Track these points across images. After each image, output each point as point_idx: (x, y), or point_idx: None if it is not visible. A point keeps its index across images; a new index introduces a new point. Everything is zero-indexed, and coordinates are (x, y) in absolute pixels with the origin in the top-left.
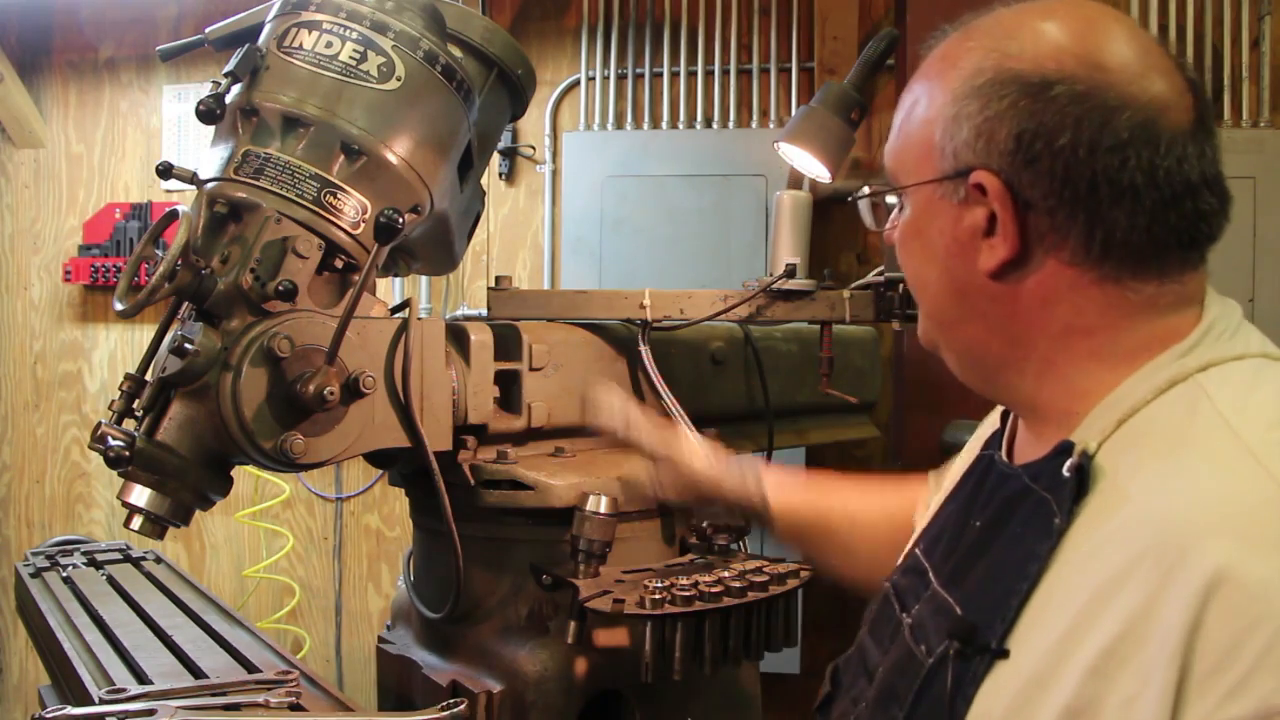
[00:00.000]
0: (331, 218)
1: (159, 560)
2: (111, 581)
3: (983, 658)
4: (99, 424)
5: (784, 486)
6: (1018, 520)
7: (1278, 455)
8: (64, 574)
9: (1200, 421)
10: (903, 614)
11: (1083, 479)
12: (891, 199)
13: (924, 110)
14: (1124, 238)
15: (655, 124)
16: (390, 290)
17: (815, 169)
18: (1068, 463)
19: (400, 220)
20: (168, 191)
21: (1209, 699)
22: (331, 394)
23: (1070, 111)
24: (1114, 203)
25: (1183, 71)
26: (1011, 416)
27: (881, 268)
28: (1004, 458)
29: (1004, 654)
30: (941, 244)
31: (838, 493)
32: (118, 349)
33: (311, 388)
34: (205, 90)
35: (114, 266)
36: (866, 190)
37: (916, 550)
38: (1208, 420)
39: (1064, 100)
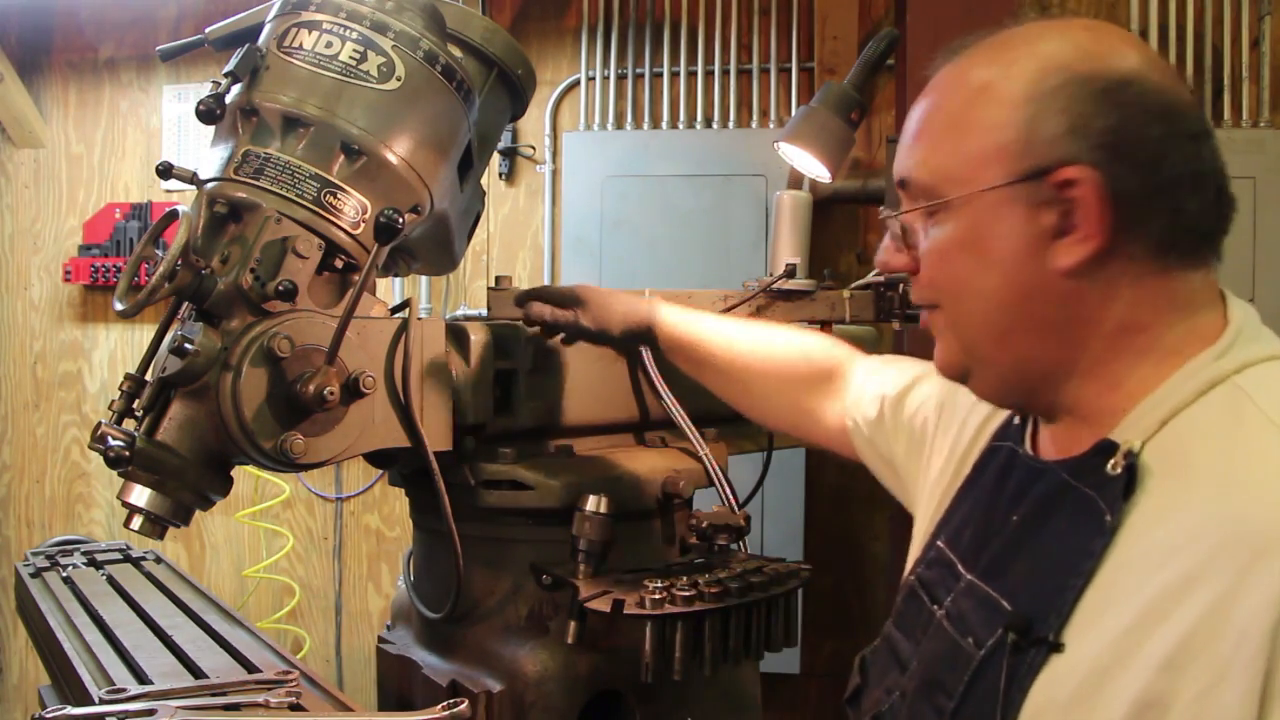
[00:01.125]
0: (331, 218)
1: (159, 560)
2: (111, 581)
3: (1039, 650)
4: (99, 424)
5: (673, 312)
6: (1061, 516)
7: None
8: (64, 574)
9: (1248, 425)
10: (934, 606)
11: (1131, 477)
12: (910, 216)
13: (983, 118)
14: (1192, 224)
15: (655, 124)
16: (390, 290)
17: (815, 169)
18: (1111, 461)
19: (400, 220)
20: (168, 191)
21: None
22: (331, 394)
23: (1154, 105)
24: (1192, 190)
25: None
26: None
27: None
28: (1029, 451)
29: (1060, 647)
30: (1008, 248)
31: (723, 325)
32: (118, 349)
33: (311, 388)
34: (205, 90)
35: (114, 266)
36: (898, 213)
37: (939, 542)
38: (1256, 423)
39: (1147, 95)
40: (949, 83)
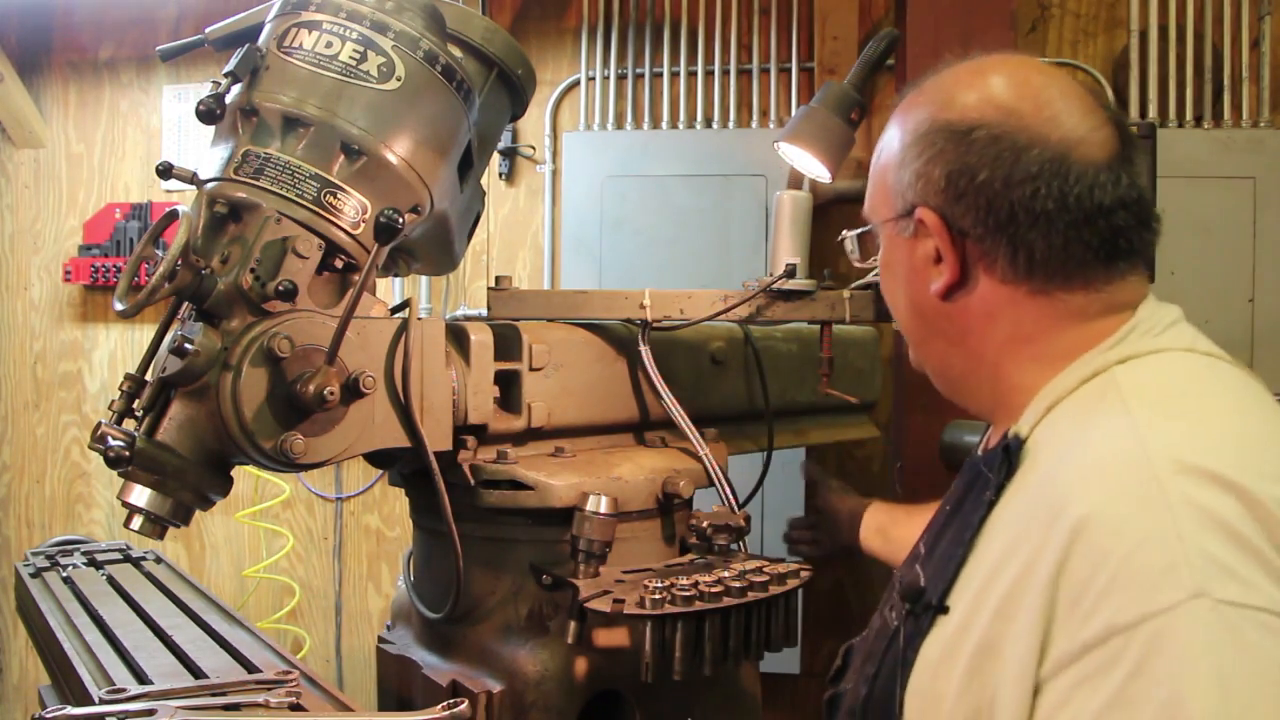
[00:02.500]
0: (331, 218)
1: (159, 560)
2: (111, 581)
3: (927, 615)
4: (99, 424)
5: (873, 529)
6: (970, 499)
7: (1154, 424)
8: (64, 574)
9: (1104, 404)
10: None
11: (1010, 457)
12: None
13: (882, 158)
14: (1044, 256)
15: (655, 124)
16: (390, 290)
17: (815, 169)
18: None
19: (400, 220)
20: (168, 191)
21: (1069, 627)
22: (331, 394)
23: (988, 151)
24: (1030, 226)
25: (1105, 110)
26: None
27: None
28: (978, 452)
29: (944, 610)
30: (903, 273)
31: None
32: (118, 349)
33: (311, 388)
34: (205, 90)
35: (114, 266)
36: (852, 233)
37: (920, 541)
38: (1110, 403)
39: (982, 142)
40: (888, 129)
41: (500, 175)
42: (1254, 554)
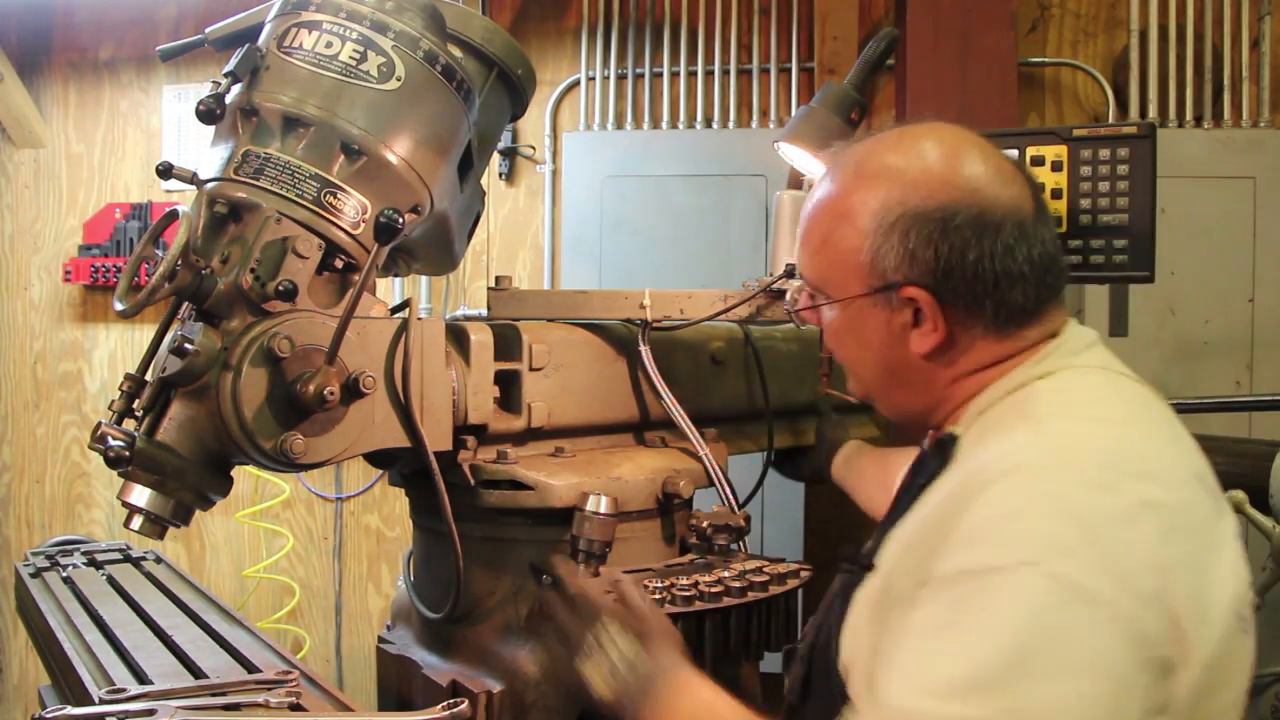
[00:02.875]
0: (331, 218)
1: (159, 560)
2: (111, 581)
3: (859, 573)
4: (99, 424)
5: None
6: (913, 485)
7: (1055, 423)
8: (64, 574)
9: (1022, 411)
10: None
11: (944, 451)
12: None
13: (843, 241)
14: (1019, 306)
15: (655, 124)
16: (390, 290)
17: (815, 169)
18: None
19: (400, 220)
20: (168, 191)
21: (938, 564)
22: (331, 394)
23: (971, 234)
24: (1010, 287)
25: (1018, 167)
26: None
27: None
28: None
29: (873, 567)
30: (878, 338)
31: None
32: (118, 349)
33: (311, 388)
34: (205, 90)
35: (114, 266)
36: (801, 300)
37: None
38: (1025, 409)
39: (965, 226)
40: (822, 204)
41: (500, 175)
42: (1095, 539)
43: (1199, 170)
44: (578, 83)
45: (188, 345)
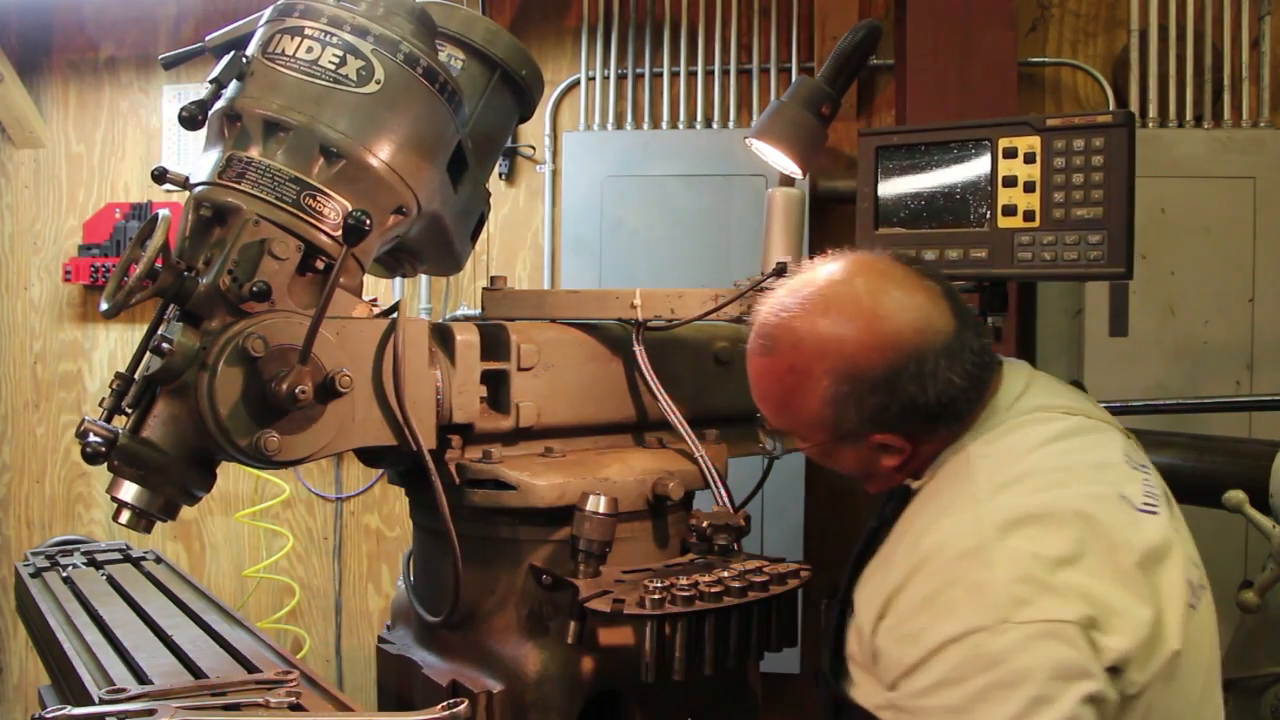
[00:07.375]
0: (312, 220)
1: (159, 560)
2: (111, 581)
3: (837, 602)
4: (83, 419)
5: None
6: (879, 527)
7: (991, 497)
8: (64, 574)
9: (961, 474)
10: None
11: (904, 499)
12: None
13: (802, 409)
14: (964, 412)
15: (655, 124)
16: (391, 291)
17: (786, 165)
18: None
19: (368, 222)
20: (168, 191)
21: (892, 633)
22: (303, 392)
23: (915, 385)
24: (954, 401)
25: (936, 281)
26: None
27: None
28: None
29: (850, 602)
30: (848, 463)
31: None
32: (118, 349)
33: (284, 386)
34: (205, 91)
35: (114, 266)
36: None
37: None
38: (962, 475)
39: (909, 381)
40: (771, 372)
41: (500, 175)
42: (1039, 583)
43: (1199, 170)
44: (577, 83)
45: (165, 345)
